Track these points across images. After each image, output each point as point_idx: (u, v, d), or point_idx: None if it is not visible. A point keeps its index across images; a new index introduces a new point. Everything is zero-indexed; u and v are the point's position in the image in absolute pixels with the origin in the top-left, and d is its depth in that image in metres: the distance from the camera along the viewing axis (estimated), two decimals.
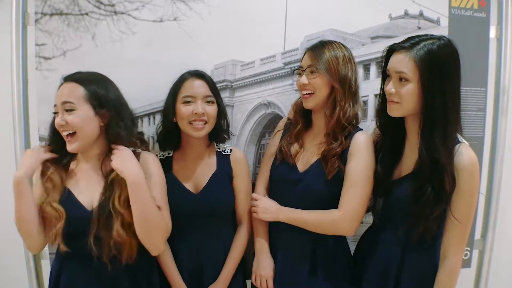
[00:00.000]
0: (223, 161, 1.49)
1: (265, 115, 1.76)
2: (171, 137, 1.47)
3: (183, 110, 1.39)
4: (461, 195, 1.20)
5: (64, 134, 1.24)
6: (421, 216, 1.21)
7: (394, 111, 1.26)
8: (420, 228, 1.23)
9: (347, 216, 1.31)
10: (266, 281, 1.43)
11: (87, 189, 1.28)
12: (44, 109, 1.65)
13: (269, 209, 1.41)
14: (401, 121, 1.30)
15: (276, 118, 1.72)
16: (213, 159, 1.49)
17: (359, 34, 1.72)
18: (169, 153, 1.50)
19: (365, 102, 1.73)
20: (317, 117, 1.42)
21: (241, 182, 1.50)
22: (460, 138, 1.24)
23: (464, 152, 1.20)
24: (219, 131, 1.49)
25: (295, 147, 1.43)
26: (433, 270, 1.28)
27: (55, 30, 1.63)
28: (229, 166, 1.49)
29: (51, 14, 1.63)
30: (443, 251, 1.25)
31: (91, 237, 1.21)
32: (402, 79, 1.20)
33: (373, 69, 1.73)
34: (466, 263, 1.87)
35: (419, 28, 1.74)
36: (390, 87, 1.23)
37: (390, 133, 1.34)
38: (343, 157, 1.34)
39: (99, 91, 1.26)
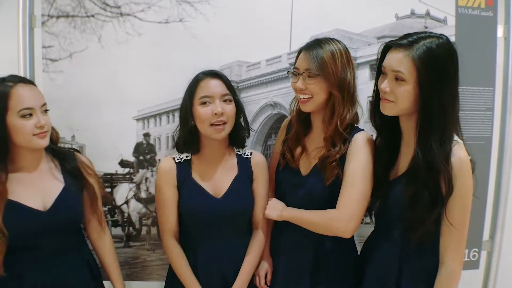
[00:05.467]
0: (244, 164, 1.46)
1: (271, 115, 1.76)
2: (191, 141, 1.41)
3: (202, 112, 1.34)
4: (453, 198, 1.14)
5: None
6: (418, 221, 1.17)
7: (387, 109, 1.21)
8: (418, 233, 1.18)
9: (343, 216, 1.28)
10: (260, 279, 1.47)
11: None
12: (51, 111, 1.64)
13: (276, 207, 1.41)
14: (397, 119, 1.26)
15: (282, 118, 1.70)
16: (234, 162, 1.46)
17: (365, 34, 1.71)
18: (187, 156, 1.44)
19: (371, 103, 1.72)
20: (316, 119, 1.40)
21: (260, 186, 1.46)
22: (455, 137, 1.19)
23: (455, 153, 1.15)
24: (239, 130, 1.45)
25: (297, 151, 1.42)
26: (434, 273, 1.23)
27: (61, 32, 1.64)
28: (250, 169, 1.46)
29: (58, 17, 1.64)
30: (441, 256, 1.20)
31: None
32: (398, 79, 1.16)
33: None
34: (474, 265, 1.85)
35: (426, 27, 1.73)
36: (385, 86, 1.18)
37: (386, 132, 1.31)
38: (342, 159, 1.32)
39: None
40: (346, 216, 1.28)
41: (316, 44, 1.32)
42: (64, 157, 1.38)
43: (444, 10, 1.74)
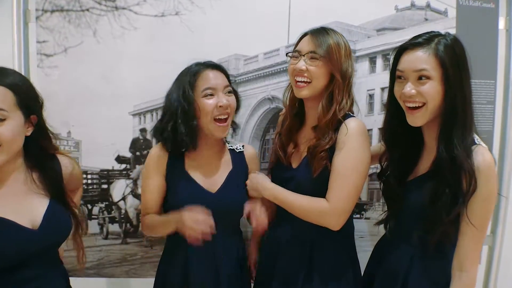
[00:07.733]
0: (238, 158, 1.44)
1: (269, 109, 1.74)
2: (191, 139, 1.30)
3: (206, 104, 1.27)
4: (477, 201, 1.11)
5: None
6: (438, 219, 1.13)
7: (419, 119, 1.16)
8: (437, 233, 1.14)
9: (335, 211, 1.25)
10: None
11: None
12: (46, 106, 1.64)
13: (256, 187, 1.36)
14: (413, 130, 1.23)
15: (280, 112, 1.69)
16: (228, 157, 1.43)
17: (364, 26, 1.69)
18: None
19: (371, 96, 1.71)
20: (310, 108, 1.35)
21: None
22: (477, 139, 1.17)
23: (480, 154, 1.13)
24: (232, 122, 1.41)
25: (290, 148, 1.39)
26: (445, 282, 1.21)
27: (56, 27, 1.62)
28: (245, 164, 1.44)
29: (52, 11, 1.62)
30: (459, 262, 1.16)
31: None
32: (422, 78, 1.12)
33: (379, 62, 1.70)
34: None
35: (426, 19, 1.71)
36: (409, 89, 1.12)
37: (403, 145, 1.26)
38: (331, 150, 1.27)
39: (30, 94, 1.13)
40: (338, 211, 1.25)
41: (323, 30, 1.31)
42: (46, 163, 1.17)
43: (445, 2, 1.72)
